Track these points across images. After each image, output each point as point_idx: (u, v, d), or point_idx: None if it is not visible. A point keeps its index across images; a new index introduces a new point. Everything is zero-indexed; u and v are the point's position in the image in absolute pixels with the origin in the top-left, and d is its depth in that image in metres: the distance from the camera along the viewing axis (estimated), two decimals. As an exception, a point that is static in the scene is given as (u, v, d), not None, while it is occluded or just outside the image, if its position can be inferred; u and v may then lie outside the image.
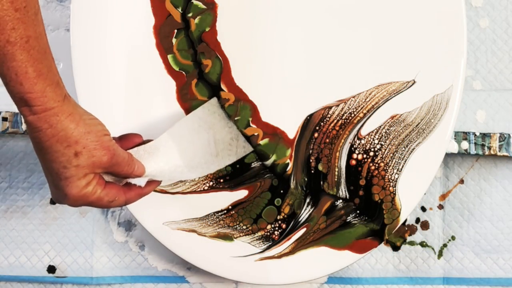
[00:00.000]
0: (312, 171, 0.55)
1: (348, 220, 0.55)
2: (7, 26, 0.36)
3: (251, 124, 0.55)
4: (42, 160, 0.41)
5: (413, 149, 0.54)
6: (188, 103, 0.55)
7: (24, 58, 0.37)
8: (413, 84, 0.54)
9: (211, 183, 0.55)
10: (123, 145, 0.46)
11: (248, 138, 0.55)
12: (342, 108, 0.55)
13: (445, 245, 0.61)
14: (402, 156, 0.54)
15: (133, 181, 0.46)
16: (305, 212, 0.55)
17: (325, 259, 0.55)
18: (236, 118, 0.55)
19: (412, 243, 0.61)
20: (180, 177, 0.52)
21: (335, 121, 0.55)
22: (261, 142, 0.55)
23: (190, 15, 0.55)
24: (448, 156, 0.60)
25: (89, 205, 0.43)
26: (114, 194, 0.44)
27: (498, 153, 0.58)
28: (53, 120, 0.39)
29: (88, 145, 0.41)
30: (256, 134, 0.55)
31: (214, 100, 0.54)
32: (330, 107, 0.55)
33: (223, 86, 0.55)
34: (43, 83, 0.38)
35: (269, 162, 0.55)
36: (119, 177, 0.45)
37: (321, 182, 0.55)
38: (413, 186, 0.54)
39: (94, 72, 0.54)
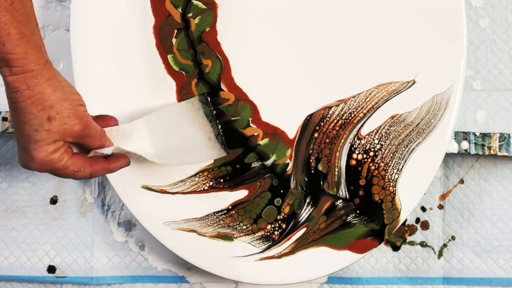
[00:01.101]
0: (312, 171, 0.55)
1: (348, 220, 0.55)
2: None
3: (251, 124, 0.55)
4: (15, 122, 0.41)
5: (413, 149, 0.54)
6: (188, 103, 0.55)
7: (8, 19, 0.38)
8: (413, 84, 0.54)
9: (211, 183, 0.55)
10: (98, 124, 0.46)
11: (246, 140, 0.55)
12: (342, 108, 0.55)
13: (445, 245, 0.61)
14: (402, 156, 0.54)
15: (99, 150, 0.46)
16: (305, 212, 0.55)
17: (325, 259, 0.55)
18: (236, 118, 0.55)
19: (412, 243, 0.61)
20: (147, 160, 0.52)
21: (335, 121, 0.55)
22: (261, 142, 0.55)
23: (190, 15, 0.55)
24: (448, 156, 0.60)
25: (54, 172, 0.44)
26: (80, 164, 0.44)
27: (498, 153, 0.58)
28: (31, 82, 0.40)
29: (62, 111, 0.41)
30: (256, 134, 0.55)
31: (201, 97, 0.54)
32: (330, 107, 0.55)
33: (223, 86, 0.55)
34: (25, 45, 0.39)
35: (269, 162, 0.55)
36: (88, 150, 0.45)
37: (321, 182, 0.55)
38: (413, 186, 0.54)
39: (94, 72, 0.54)
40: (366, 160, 0.55)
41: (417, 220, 0.61)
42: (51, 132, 0.41)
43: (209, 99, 0.54)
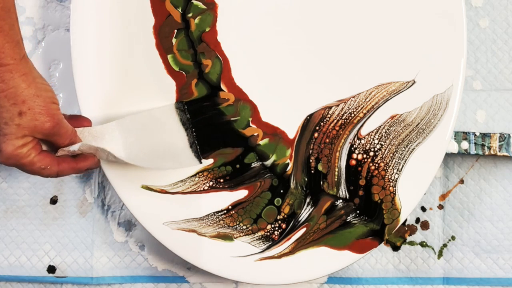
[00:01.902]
0: (312, 171, 0.55)
1: (348, 220, 0.55)
2: None
3: (251, 124, 0.55)
4: None
5: (413, 149, 0.54)
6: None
7: None
8: (413, 84, 0.54)
9: (211, 183, 0.55)
10: (71, 124, 0.47)
11: (246, 140, 0.55)
12: (342, 108, 0.55)
13: (445, 245, 0.61)
14: (402, 156, 0.54)
15: (66, 148, 0.46)
16: (305, 212, 0.55)
17: (325, 259, 0.55)
18: (236, 118, 0.55)
19: (412, 243, 0.61)
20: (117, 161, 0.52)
21: (335, 121, 0.55)
22: (261, 142, 0.55)
23: (190, 15, 0.55)
24: (448, 156, 0.60)
25: (20, 167, 0.44)
26: (48, 162, 0.45)
27: (498, 153, 0.58)
28: (6, 76, 0.40)
29: (34, 107, 0.41)
30: (256, 134, 0.55)
31: (178, 104, 0.54)
32: (330, 107, 0.55)
33: (223, 86, 0.55)
34: (2, 39, 0.39)
35: (269, 162, 0.55)
36: (58, 148, 0.45)
37: (321, 182, 0.55)
38: (413, 186, 0.54)
39: (94, 72, 0.54)
40: (366, 160, 0.55)
41: (417, 220, 0.61)
42: (20, 126, 0.42)
43: (186, 107, 0.53)
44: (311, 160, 0.55)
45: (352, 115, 0.55)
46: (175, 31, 0.55)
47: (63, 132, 0.44)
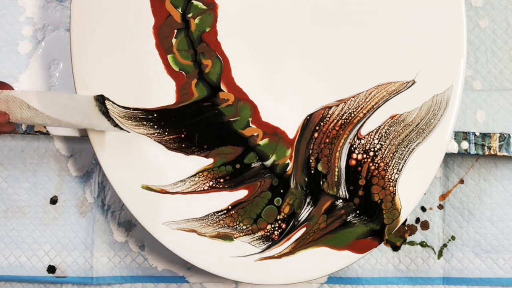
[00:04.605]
0: (312, 171, 0.55)
1: (348, 220, 0.55)
2: None
3: (251, 124, 0.55)
4: None
5: (413, 149, 0.54)
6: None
7: None
8: (413, 84, 0.54)
9: (211, 183, 0.55)
10: None
11: (246, 140, 0.55)
12: (342, 108, 0.55)
13: (445, 245, 0.61)
14: (402, 156, 0.54)
15: None
16: (305, 212, 0.55)
17: (325, 259, 0.55)
18: (235, 118, 0.55)
19: (412, 243, 0.61)
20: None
21: (335, 121, 0.55)
22: (261, 142, 0.55)
23: (190, 15, 0.55)
24: (448, 156, 0.60)
25: None
26: None
27: (498, 153, 0.58)
28: None
29: None
30: (256, 134, 0.55)
31: (97, 96, 0.52)
32: (330, 107, 0.55)
33: (223, 86, 0.55)
34: None
35: (269, 162, 0.55)
36: None
37: (321, 182, 0.55)
38: (413, 186, 0.54)
39: (94, 72, 0.54)
40: (366, 160, 0.55)
41: (417, 220, 0.61)
42: None
43: (105, 100, 0.52)
44: (311, 160, 0.55)
45: (352, 115, 0.55)
46: (175, 31, 0.55)
47: None
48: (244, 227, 0.55)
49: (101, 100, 0.52)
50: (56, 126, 0.51)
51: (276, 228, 0.55)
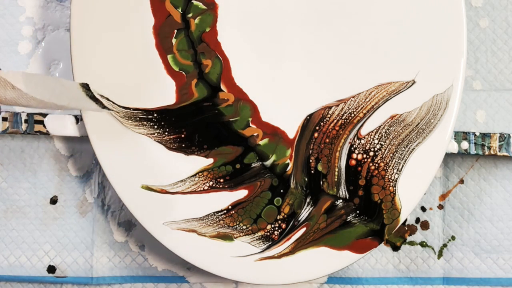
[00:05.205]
0: (312, 171, 0.55)
1: (348, 220, 0.55)
2: None
3: (251, 124, 0.55)
4: None
5: (413, 149, 0.54)
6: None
7: None
8: (413, 84, 0.54)
9: (211, 183, 0.55)
10: None
11: (246, 140, 0.55)
12: (342, 108, 0.55)
13: (445, 245, 0.61)
14: (402, 156, 0.54)
15: None
16: (305, 212, 0.55)
17: (325, 259, 0.55)
18: (235, 119, 0.55)
19: (412, 243, 0.61)
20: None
21: (335, 121, 0.55)
22: (261, 142, 0.55)
23: (190, 15, 0.55)
24: (448, 156, 0.60)
25: None
26: None
27: (498, 153, 0.58)
28: None
29: None
30: (256, 134, 0.55)
31: (83, 83, 0.51)
32: (330, 107, 0.55)
33: (223, 86, 0.55)
34: None
35: (269, 162, 0.55)
36: None
37: (321, 182, 0.55)
38: (413, 186, 0.54)
39: (94, 72, 0.54)
40: (366, 160, 0.55)
41: (417, 220, 0.61)
42: None
43: (90, 86, 0.51)
44: (311, 160, 0.55)
45: (352, 115, 0.55)
46: (175, 31, 0.55)
47: None
48: (244, 227, 0.55)
49: (87, 86, 0.51)
50: (41, 108, 0.50)
51: (276, 228, 0.55)
